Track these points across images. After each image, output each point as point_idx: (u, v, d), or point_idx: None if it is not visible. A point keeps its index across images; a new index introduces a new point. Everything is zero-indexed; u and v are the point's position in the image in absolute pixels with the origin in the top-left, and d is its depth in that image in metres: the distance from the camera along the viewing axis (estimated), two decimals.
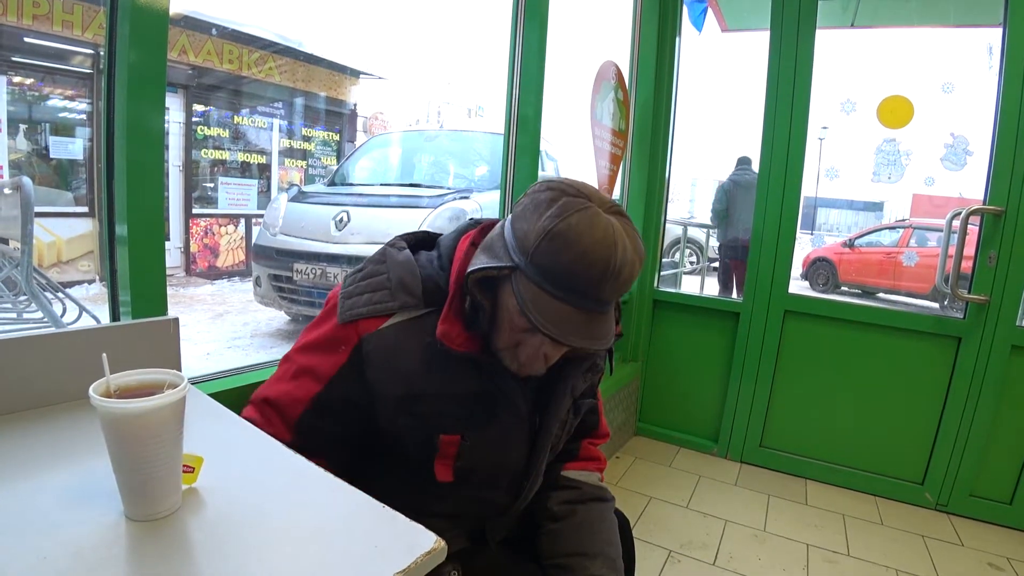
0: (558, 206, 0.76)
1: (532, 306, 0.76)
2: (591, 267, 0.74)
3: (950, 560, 2.10)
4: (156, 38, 0.99)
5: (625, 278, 0.77)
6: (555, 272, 0.75)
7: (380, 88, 8.68)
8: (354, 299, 0.88)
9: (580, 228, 0.74)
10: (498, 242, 0.82)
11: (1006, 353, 2.27)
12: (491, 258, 0.81)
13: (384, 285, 0.88)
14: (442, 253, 0.92)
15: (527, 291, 0.77)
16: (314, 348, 0.89)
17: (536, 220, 0.77)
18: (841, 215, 10.94)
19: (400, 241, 0.96)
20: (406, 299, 0.87)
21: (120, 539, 0.57)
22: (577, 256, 0.74)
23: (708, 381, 2.87)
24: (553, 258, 0.75)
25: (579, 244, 0.74)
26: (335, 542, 0.57)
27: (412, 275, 0.88)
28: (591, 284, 0.75)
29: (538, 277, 0.76)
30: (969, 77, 2.40)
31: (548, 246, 0.75)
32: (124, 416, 0.55)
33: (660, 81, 2.85)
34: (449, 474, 0.90)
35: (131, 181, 0.99)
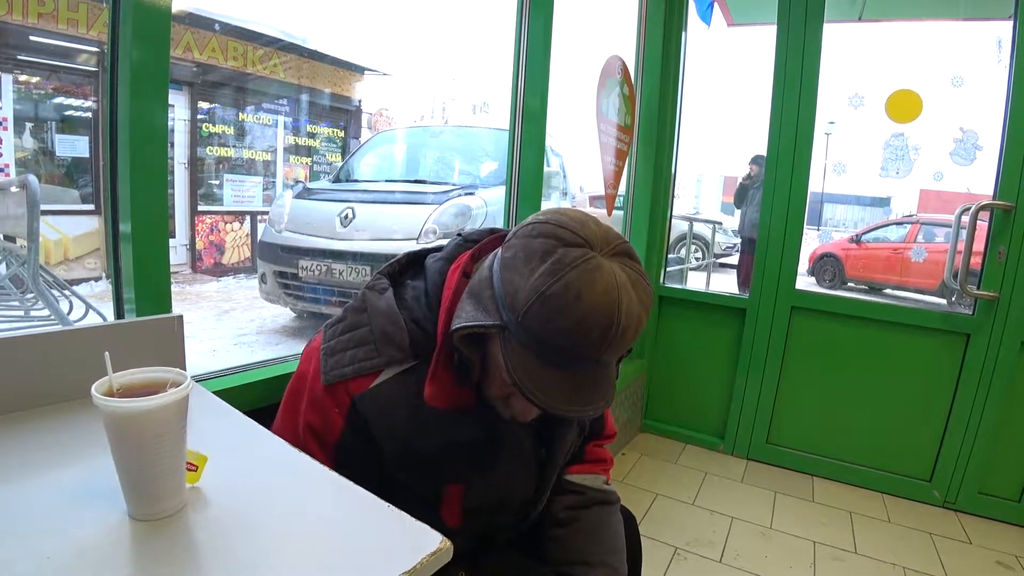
0: (553, 261, 0.67)
1: (521, 372, 0.69)
2: (589, 333, 0.66)
3: (958, 558, 2.08)
4: (159, 35, 0.99)
5: (629, 337, 0.69)
6: (547, 338, 0.68)
7: (385, 84, 8.68)
8: (338, 356, 0.81)
9: (578, 288, 0.65)
10: (486, 290, 0.74)
11: (1016, 349, 2.25)
12: (478, 310, 0.74)
13: (367, 339, 0.81)
14: (429, 288, 0.84)
15: (515, 355, 0.70)
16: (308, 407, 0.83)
17: (528, 276, 0.68)
18: (848, 210, 10.89)
19: (381, 280, 0.88)
20: (393, 353, 0.81)
21: (124, 539, 0.56)
22: (574, 322, 0.66)
23: (714, 378, 2.86)
24: (545, 323, 0.67)
25: (577, 308, 0.65)
26: (340, 542, 0.57)
27: (396, 326, 0.81)
28: (589, 349, 0.68)
29: (529, 342, 0.69)
30: (979, 71, 2.38)
31: (540, 310, 0.67)
32: (127, 415, 0.54)
33: (666, 76, 2.84)
34: (457, 519, 0.88)
35: (135, 178, 0.98)
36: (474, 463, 0.86)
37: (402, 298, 0.85)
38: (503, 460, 0.88)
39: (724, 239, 9.47)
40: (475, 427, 0.84)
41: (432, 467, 0.83)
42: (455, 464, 0.84)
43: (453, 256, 0.85)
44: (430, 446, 0.82)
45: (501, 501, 0.91)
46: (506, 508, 0.94)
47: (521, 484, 0.93)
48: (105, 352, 0.59)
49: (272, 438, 0.77)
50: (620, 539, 1.05)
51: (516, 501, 0.94)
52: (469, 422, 0.83)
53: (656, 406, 3.02)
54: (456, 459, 0.84)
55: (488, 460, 0.86)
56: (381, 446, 0.82)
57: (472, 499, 0.87)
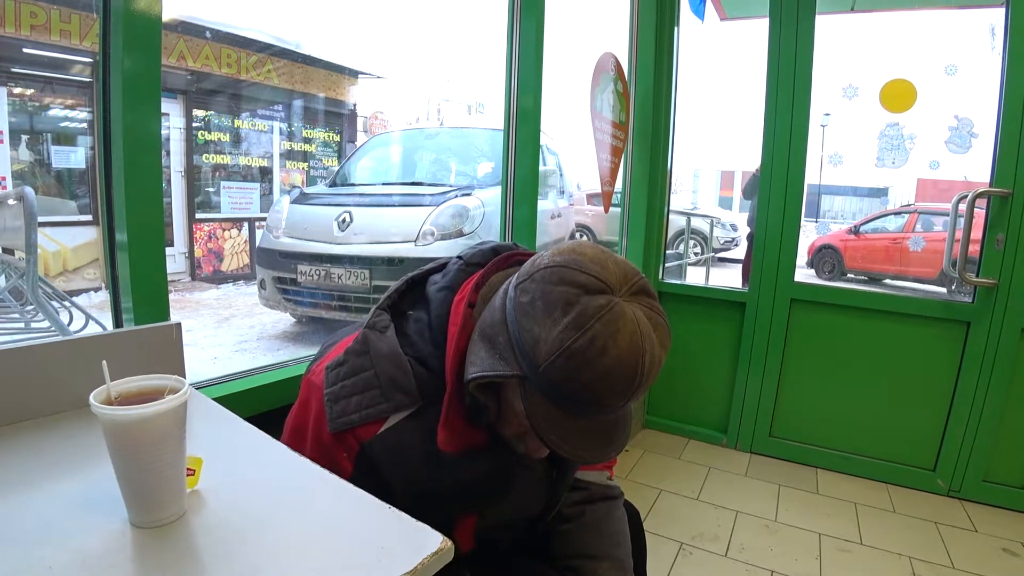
0: (576, 313, 0.65)
1: (543, 422, 0.69)
2: (615, 386, 0.66)
3: (964, 546, 2.08)
4: (150, 43, 0.99)
5: (651, 382, 0.68)
6: (571, 391, 0.67)
7: (379, 87, 8.67)
8: (342, 403, 0.79)
9: (603, 342, 0.64)
10: (501, 335, 0.72)
11: (1016, 336, 2.25)
12: (494, 357, 0.72)
13: (372, 384, 0.79)
14: (433, 321, 0.81)
15: (536, 406, 0.69)
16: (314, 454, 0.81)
17: (550, 327, 0.66)
18: (846, 202, 10.89)
19: (382, 316, 0.84)
20: (400, 399, 0.78)
21: (126, 547, 0.56)
22: (600, 376, 0.65)
23: (716, 372, 2.86)
24: (571, 378, 0.66)
25: (602, 362, 0.64)
26: (341, 544, 0.57)
27: (401, 369, 0.79)
28: (614, 399, 0.67)
29: (551, 394, 0.68)
30: (972, 58, 2.38)
31: (566, 364, 0.65)
32: (125, 423, 0.55)
33: (660, 72, 2.84)
34: (470, 542, 0.89)
35: (129, 187, 0.98)
36: (487, 496, 0.85)
37: (405, 334, 0.83)
38: (514, 488, 0.87)
39: (722, 233, 9.47)
40: (487, 464, 0.83)
41: (445, 505, 0.83)
42: (468, 500, 0.84)
43: (456, 285, 0.83)
44: (443, 487, 0.80)
45: (512, 522, 0.93)
46: (516, 525, 0.96)
47: (532, 505, 0.94)
48: (103, 361, 0.59)
49: (272, 443, 0.77)
50: (625, 533, 1.05)
51: (527, 516, 0.96)
52: (481, 460, 0.82)
53: (658, 402, 3.02)
54: (469, 495, 0.83)
55: (500, 490, 0.86)
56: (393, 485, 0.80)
57: (484, 526, 0.89)
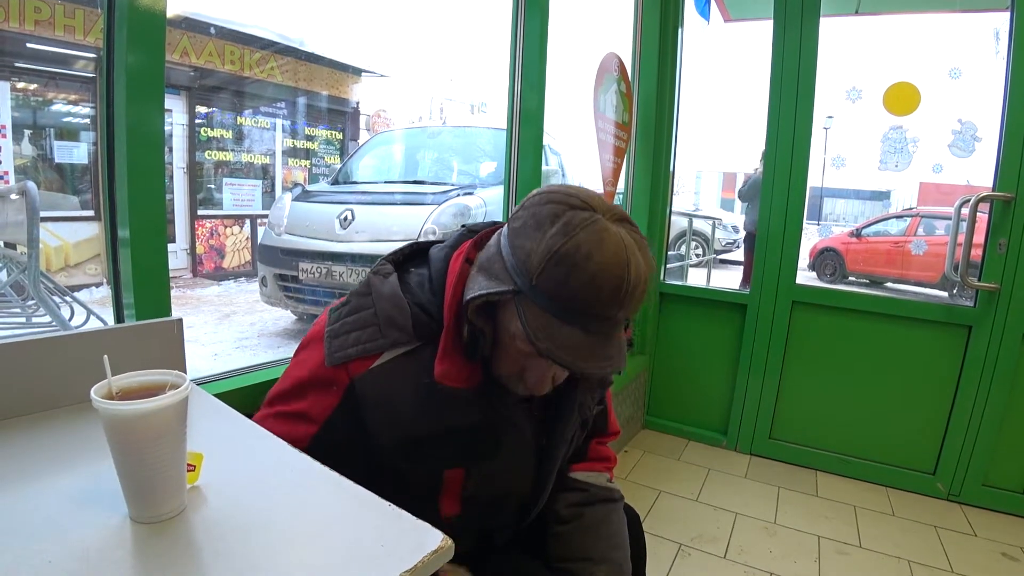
0: (562, 223, 0.70)
1: (541, 333, 0.71)
2: (602, 290, 0.69)
3: (963, 551, 2.08)
4: (154, 40, 0.99)
5: (638, 296, 0.72)
6: (563, 297, 0.70)
7: (382, 86, 8.68)
8: (341, 339, 0.82)
9: (589, 248, 0.69)
10: (496, 261, 0.76)
11: (1018, 341, 2.24)
12: (490, 280, 0.75)
13: (371, 321, 0.82)
14: (433, 274, 0.85)
15: (533, 317, 0.72)
16: (304, 387, 0.84)
17: (540, 239, 0.71)
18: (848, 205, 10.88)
19: (386, 265, 0.89)
20: (396, 335, 0.81)
21: (126, 542, 0.56)
22: (588, 280, 0.69)
23: (716, 373, 2.86)
24: (561, 282, 0.69)
25: (589, 266, 0.68)
26: (341, 541, 0.57)
27: (400, 309, 0.82)
28: (603, 307, 0.70)
29: (545, 302, 0.71)
30: (976, 62, 2.37)
31: (555, 270, 0.69)
32: (126, 418, 0.55)
33: (663, 73, 2.83)
34: (456, 507, 0.88)
35: (132, 183, 0.98)
36: (473, 448, 0.86)
37: (406, 283, 0.86)
38: (503, 447, 0.88)
39: (724, 235, 9.47)
40: (476, 412, 0.84)
41: (431, 451, 0.83)
42: (454, 449, 0.84)
43: (456, 244, 0.87)
44: (430, 429, 0.82)
45: (499, 493, 0.91)
46: (504, 502, 0.93)
47: (520, 475, 0.92)
48: (104, 356, 0.59)
49: (273, 439, 0.77)
50: (624, 536, 1.04)
51: (515, 495, 0.94)
52: (470, 407, 0.83)
53: (658, 403, 3.02)
54: (455, 444, 0.84)
55: (488, 446, 0.86)
56: (377, 431, 0.82)
57: (471, 486, 0.87)
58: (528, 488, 0.94)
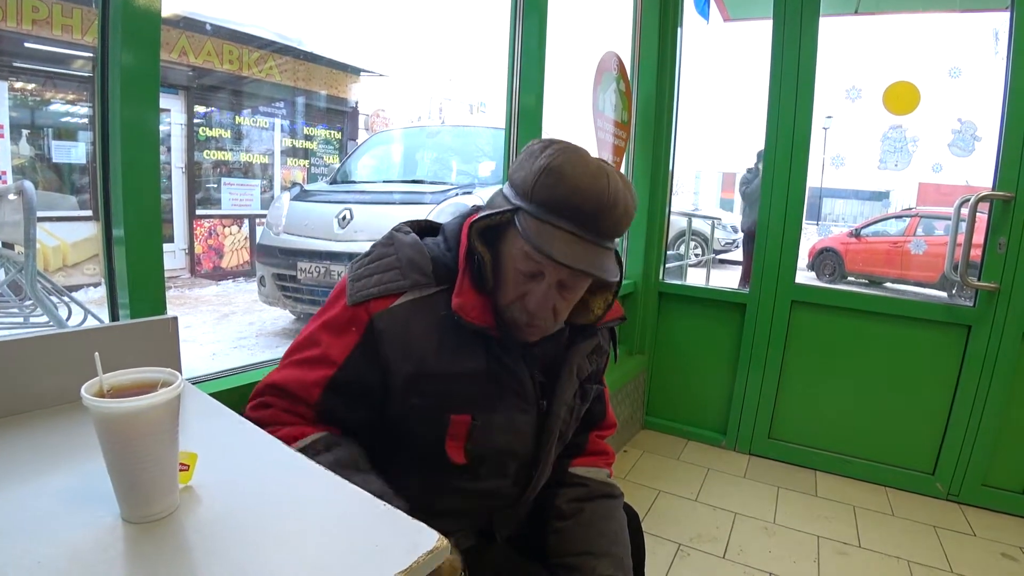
0: (552, 149, 0.82)
1: (538, 239, 0.79)
2: (587, 198, 0.79)
3: (963, 551, 2.08)
4: (149, 38, 0.98)
5: (620, 212, 0.81)
6: (555, 203, 0.80)
7: (381, 85, 8.66)
8: (363, 280, 0.87)
9: (573, 162, 0.80)
10: (497, 197, 0.88)
11: (1017, 341, 2.24)
12: (492, 208, 0.86)
13: (394, 265, 0.88)
14: (447, 237, 0.93)
15: (531, 226, 0.80)
16: (323, 331, 0.88)
17: (532, 164, 0.82)
18: (847, 205, 10.88)
19: (405, 226, 0.96)
20: (417, 277, 0.87)
21: (117, 542, 0.56)
22: (573, 188, 0.79)
23: (715, 373, 2.85)
24: (551, 191, 0.79)
25: (573, 177, 0.79)
26: (335, 541, 0.56)
27: (421, 255, 0.89)
28: (590, 215, 0.80)
29: (540, 211, 0.80)
30: (976, 62, 2.37)
31: (545, 180, 0.80)
32: (117, 416, 0.54)
33: (662, 72, 2.83)
34: (461, 455, 0.90)
35: (127, 183, 0.98)
36: (480, 396, 0.89)
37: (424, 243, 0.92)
38: (506, 400, 0.91)
39: (723, 235, 9.47)
40: (485, 360, 0.89)
41: (441, 390, 0.87)
42: (462, 392, 0.88)
43: (466, 215, 0.94)
44: (442, 367, 0.86)
45: (502, 450, 0.93)
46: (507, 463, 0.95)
47: (522, 433, 0.94)
48: (95, 353, 0.58)
49: (267, 438, 0.76)
50: (624, 533, 1.05)
51: (518, 454, 0.95)
52: (478, 354, 0.88)
53: (657, 403, 3.02)
54: (464, 386, 0.88)
55: (493, 396, 0.90)
56: (392, 367, 0.85)
57: (476, 436, 0.89)
58: (530, 450, 0.96)
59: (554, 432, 0.96)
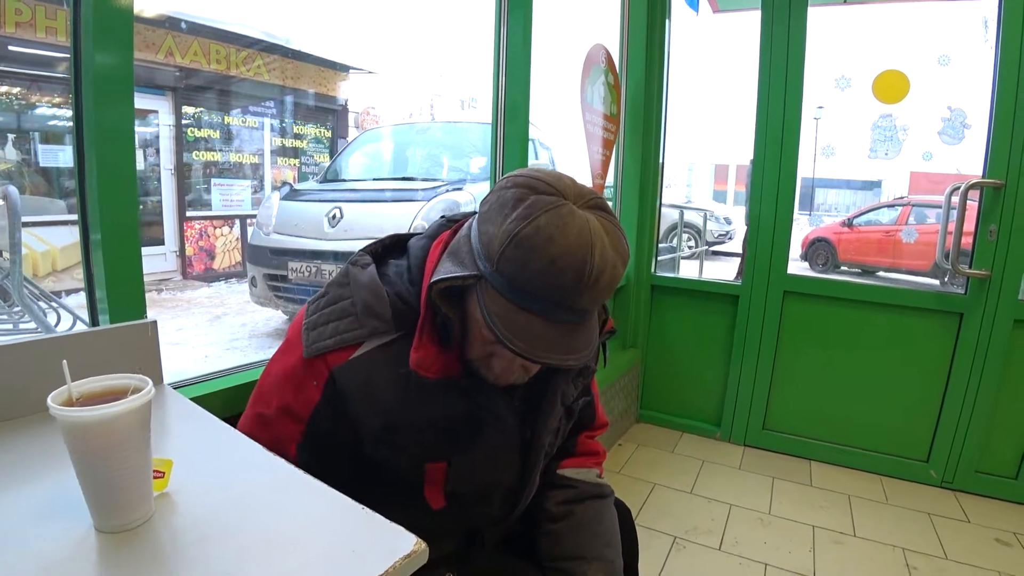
0: (525, 206, 0.68)
1: (499, 321, 0.69)
2: (563, 275, 0.66)
3: (957, 537, 2.08)
4: (121, 36, 0.96)
5: (604, 284, 0.69)
6: (522, 282, 0.68)
7: (371, 83, 8.62)
8: (319, 330, 0.81)
9: (550, 231, 0.66)
10: (464, 247, 0.76)
11: (1008, 328, 2.24)
12: (456, 265, 0.74)
13: (349, 311, 0.81)
14: (412, 264, 0.84)
15: (493, 304, 0.70)
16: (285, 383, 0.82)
17: (501, 223, 0.69)
18: (839, 195, 10.89)
19: (364, 256, 0.88)
20: (375, 324, 0.80)
21: (90, 553, 0.54)
22: (547, 264, 0.66)
23: (709, 365, 2.85)
24: (519, 266, 0.67)
25: (549, 249, 0.66)
26: (312, 547, 0.55)
27: (378, 298, 0.81)
28: (564, 294, 0.68)
29: (504, 288, 0.69)
30: (965, 49, 2.37)
31: (514, 253, 0.67)
32: (84, 425, 0.52)
33: (651, 64, 2.81)
34: (440, 499, 0.87)
35: (103, 185, 0.96)
36: (455, 439, 0.84)
37: (384, 274, 0.85)
38: (486, 437, 0.86)
39: (716, 227, 9.48)
40: (457, 402, 0.83)
41: (413, 442, 0.82)
42: (436, 440, 0.83)
43: (435, 235, 0.85)
44: (411, 420, 0.81)
45: (485, 485, 0.89)
46: (491, 494, 0.92)
47: (505, 467, 0.90)
48: (63, 361, 0.57)
49: (248, 443, 0.75)
50: (615, 533, 1.03)
51: (500, 487, 0.92)
52: (451, 397, 0.82)
53: (652, 395, 3.01)
54: (437, 435, 0.83)
55: (470, 437, 0.85)
56: (360, 422, 0.80)
57: (454, 479, 0.85)
58: (514, 480, 0.93)
59: (539, 460, 0.93)
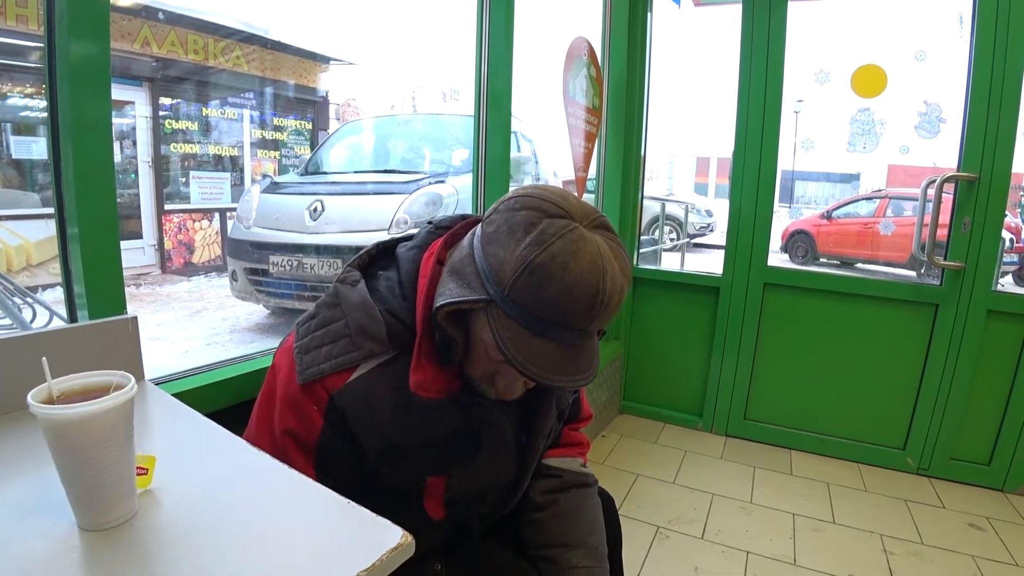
0: (538, 232, 0.68)
1: (511, 344, 0.70)
2: (578, 301, 0.68)
3: (933, 523, 2.13)
4: (98, 24, 0.94)
5: (613, 308, 0.71)
6: (536, 308, 0.69)
7: (351, 74, 8.52)
8: (313, 354, 0.79)
9: (564, 258, 0.67)
10: (468, 267, 0.74)
11: (982, 318, 2.29)
12: (461, 287, 0.73)
13: (343, 333, 0.79)
14: (403, 278, 0.83)
15: (504, 328, 0.70)
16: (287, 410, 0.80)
17: (514, 248, 0.69)
18: (818, 188, 11.02)
19: (352, 272, 0.86)
20: (371, 347, 0.78)
21: (73, 551, 0.54)
22: (562, 291, 0.67)
23: (691, 356, 2.88)
24: (534, 294, 0.68)
25: (564, 277, 0.67)
26: (297, 542, 0.55)
27: (372, 319, 0.79)
28: (577, 319, 0.69)
29: (517, 313, 0.69)
30: (941, 45, 2.40)
31: (528, 280, 0.68)
32: (65, 423, 0.52)
33: (633, 57, 2.82)
34: (439, 510, 0.87)
35: (80, 178, 0.94)
36: (455, 454, 0.84)
37: (375, 290, 0.83)
38: (484, 449, 0.87)
39: (698, 219, 9.55)
40: (457, 418, 0.83)
41: (412, 458, 0.82)
42: (437, 456, 0.83)
43: (426, 244, 0.84)
44: (412, 438, 0.80)
45: (482, 490, 0.91)
46: (487, 496, 0.93)
47: (502, 472, 0.92)
48: (43, 358, 0.56)
49: (232, 439, 0.75)
50: (599, 521, 1.04)
51: (496, 488, 0.93)
52: (451, 414, 0.82)
53: (634, 387, 3.04)
54: (438, 451, 0.83)
55: (469, 451, 0.85)
56: (361, 441, 0.80)
57: (453, 489, 0.86)
58: (509, 481, 0.94)
59: (533, 463, 0.95)
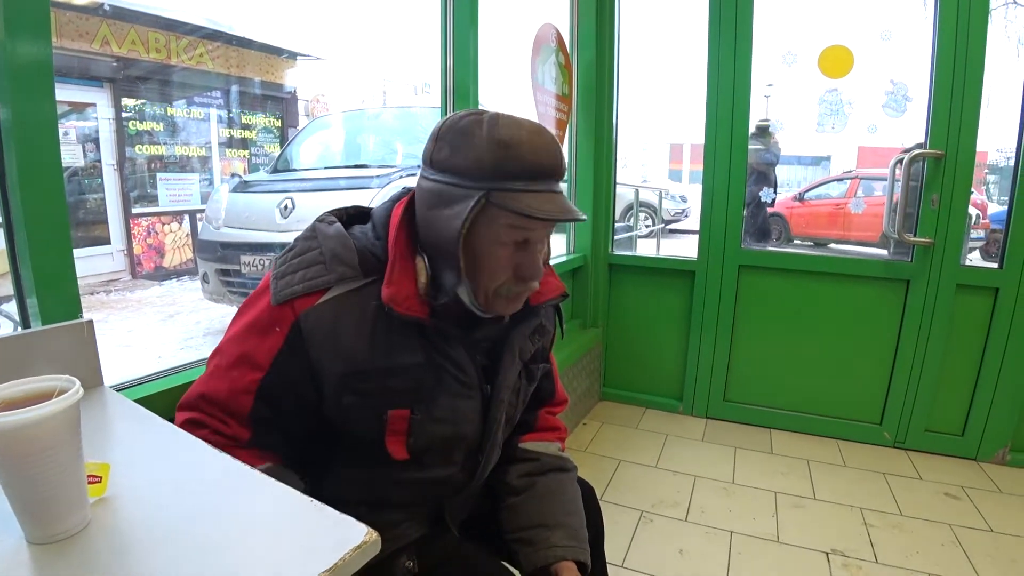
0: (486, 122, 0.79)
1: (527, 208, 0.78)
2: (540, 154, 0.79)
3: (910, 493, 2.17)
4: (37, 20, 0.90)
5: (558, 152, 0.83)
6: (523, 170, 0.78)
7: (320, 69, 8.40)
8: (287, 278, 0.82)
9: (514, 125, 0.79)
10: (444, 192, 0.81)
11: (952, 292, 2.33)
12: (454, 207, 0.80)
13: (318, 260, 0.83)
14: (376, 223, 0.88)
15: (513, 200, 0.78)
16: (247, 333, 0.83)
17: (478, 143, 0.78)
18: (790, 171, 11.13)
19: (330, 216, 0.91)
20: (343, 270, 0.83)
21: (21, 566, 0.51)
22: (529, 146, 0.78)
23: (669, 341, 2.89)
24: (516, 161, 0.78)
25: (523, 136, 0.79)
26: (259, 544, 0.53)
27: (345, 247, 0.84)
28: (548, 168, 0.80)
29: (512, 183, 0.78)
30: (906, 25, 2.43)
31: (506, 152, 0.77)
32: (4, 432, 0.49)
33: (601, 43, 2.80)
34: (403, 451, 0.86)
35: (25, 183, 0.90)
36: (418, 389, 0.85)
37: (351, 233, 0.88)
38: (448, 389, 0.87)
39: (672, 205, 9.60)
40: (422, 352, 0.85)
41: (376, 387, 0.83)
42: (399, 387, 0.84)
43: (397, 199, 0.90)
44: (375, 363, 0.82)
45: (446, 440, 0.90)
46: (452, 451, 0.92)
47: (465, 420, 0.91)
48: None
49: (191, 441, 0.72)
50: (578, 503, 1.04)
51: (462, 442, 0.92)
52: (415, 346, 0.84)
53: (614, 373, 3.04)
54: (399, 381, 0.84)
55: (432, 388, 0.86)
56: (323, 368, 0.81)
57: (417, 429, 0.86)
58: (476, 437, 0.93)
59: (499, 417, 0.94)
